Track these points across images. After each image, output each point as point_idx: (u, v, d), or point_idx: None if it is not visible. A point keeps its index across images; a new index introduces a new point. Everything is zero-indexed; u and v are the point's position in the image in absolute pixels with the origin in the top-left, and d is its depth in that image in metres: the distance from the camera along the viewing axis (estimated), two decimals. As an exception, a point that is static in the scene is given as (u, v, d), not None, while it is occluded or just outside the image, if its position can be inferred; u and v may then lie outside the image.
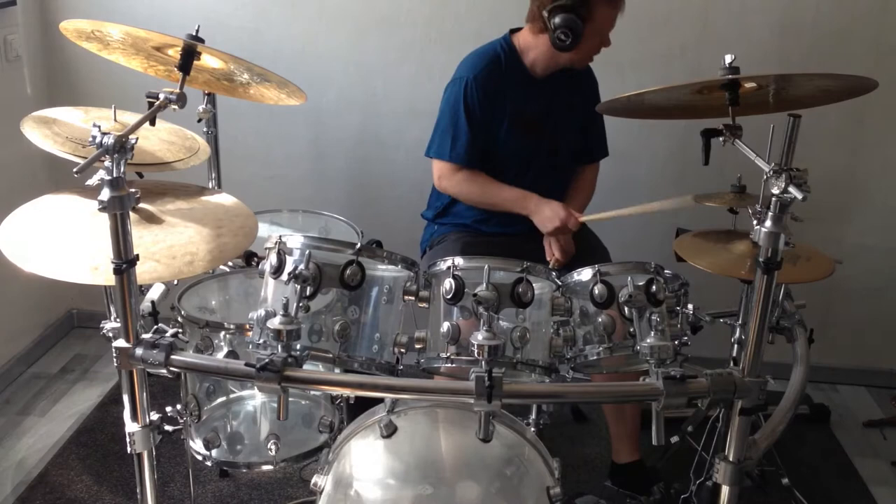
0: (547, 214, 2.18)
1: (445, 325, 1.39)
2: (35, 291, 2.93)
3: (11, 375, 2.83)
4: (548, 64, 2.23)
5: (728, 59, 1.49)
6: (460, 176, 2.26)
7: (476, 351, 1.29)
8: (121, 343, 1.34)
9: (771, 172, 1.25)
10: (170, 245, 1.45)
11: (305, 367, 1.34)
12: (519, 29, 2.27)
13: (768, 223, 1.26)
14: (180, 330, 1.41)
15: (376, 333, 1.44)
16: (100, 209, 1.25)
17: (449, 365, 1.40)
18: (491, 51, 2.26)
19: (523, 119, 2.26)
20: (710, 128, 1.52)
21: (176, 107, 1.45)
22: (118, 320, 1.35)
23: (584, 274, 1.48)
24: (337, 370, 1.47)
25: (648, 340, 1.35)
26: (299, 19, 2.79)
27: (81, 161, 1.27)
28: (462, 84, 2.21)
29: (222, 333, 1.77)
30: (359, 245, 1.41)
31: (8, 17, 2.68)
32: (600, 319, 1.46)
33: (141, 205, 1.48)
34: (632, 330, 1.41)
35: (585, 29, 2.09)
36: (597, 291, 1.45)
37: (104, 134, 1.26)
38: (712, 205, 2.17)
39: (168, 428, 1.49)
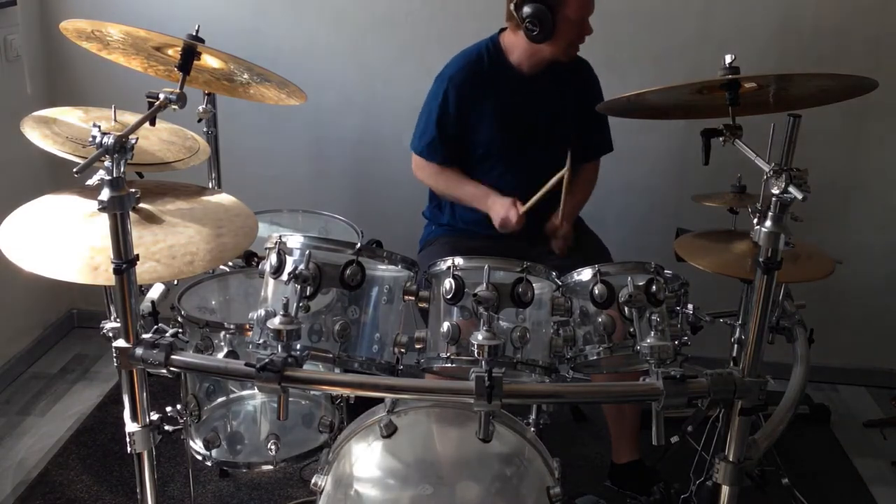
0: (497, 211, 2.18)
1: (445, 325, 1.39)
2: (35, 291, 2.93)
3: (11, 375, 2.83)
4: (532, 60, 2.22)
5: (728, 59, 1.49)
6: (430, 169, 2.30)
7: (476, 351, 1.29)
8: (121, 343, 1.34)
9: (771, 172, 1.25)
10: (170, 245, 1.45)
11: (305, 367, 1.34)
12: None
13: (768, 223, 1.26)
14: (180, 330, 1.41)
15: (376, 333, 1.44)
16: (100, 209, 1.25)
17: (448, 365, 1.40)
18: (475, 51, 2.26)
19: (510, 118, 2.25)
20: (710, 128, 1.52)
21: (176, 107, 1.45)
22: (118, 320, 1.35)
23: (585, 274, 1.48)
24: (337, 370, 1.47)
25: (648, 340, 1.35)
26: (299, 19, 2.79)
27: (81, 161, 1.27)
28: (441, 82, 2.24)
29: (222, 333, 1.77)
30: (359, 245, 1.41)
31: (8, 17, 2.68)
32: (600, 319, 1.46)
33: (141, 205, 1.48)
34: (632, 330, 1.41)
35: (556, 17, 2.08)
36: (597, 291, 1.45)
37: (104, 134, 1.26)
38: (712, 205, 2.17)
39: (168, 428, 1.49)
